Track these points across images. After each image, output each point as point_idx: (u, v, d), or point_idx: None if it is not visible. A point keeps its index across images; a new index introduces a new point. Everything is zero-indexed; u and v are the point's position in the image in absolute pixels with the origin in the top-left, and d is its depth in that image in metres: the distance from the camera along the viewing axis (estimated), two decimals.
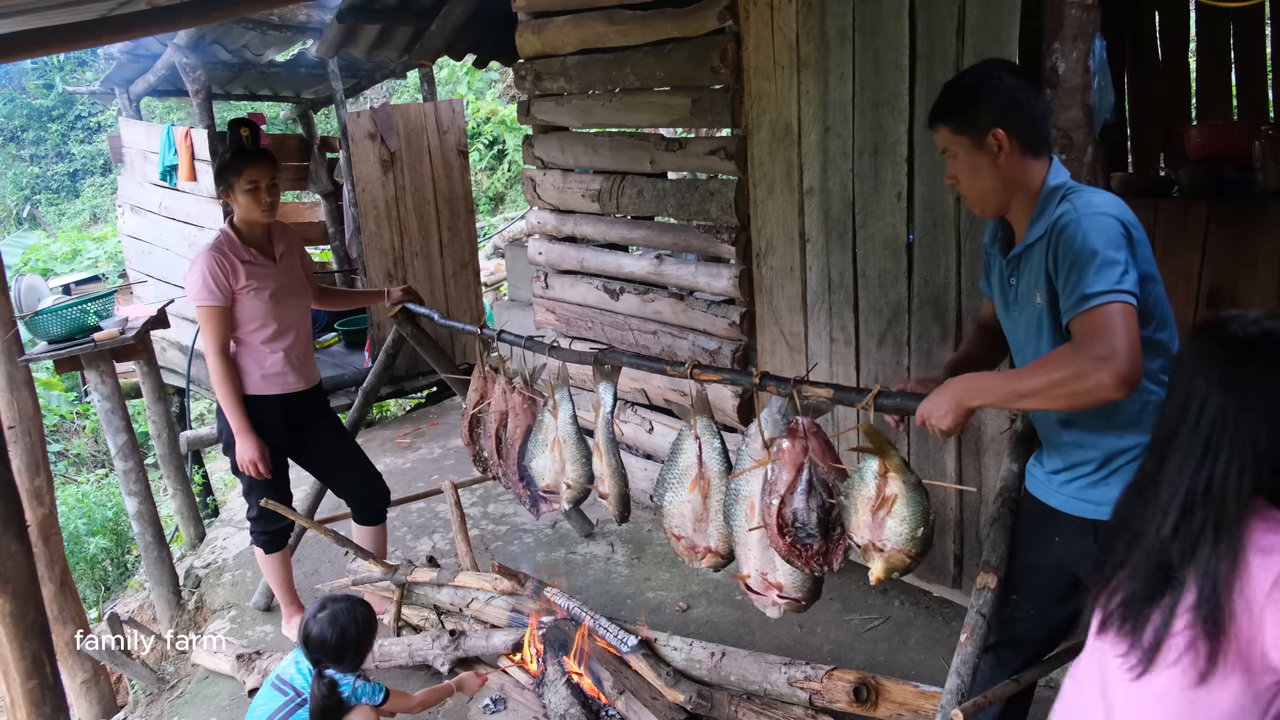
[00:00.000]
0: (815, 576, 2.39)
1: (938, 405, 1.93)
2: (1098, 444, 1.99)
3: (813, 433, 2.28)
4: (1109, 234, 1.80)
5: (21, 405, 3.72)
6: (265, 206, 3.40)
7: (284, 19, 6.30)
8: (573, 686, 3.03)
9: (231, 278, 3.37)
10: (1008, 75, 1.99)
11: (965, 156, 1.99)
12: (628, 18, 4.00)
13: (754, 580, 2.49)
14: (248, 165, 3.34)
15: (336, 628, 2.71)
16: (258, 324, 3.44)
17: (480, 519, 4.91)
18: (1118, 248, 1.79)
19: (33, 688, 3.27)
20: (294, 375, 3.56)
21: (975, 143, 1.96)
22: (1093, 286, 1.75)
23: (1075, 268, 1.79)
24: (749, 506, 2.42)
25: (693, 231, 4.04)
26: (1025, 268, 2.01)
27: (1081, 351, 1.72)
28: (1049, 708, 1.79)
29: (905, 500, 2.07)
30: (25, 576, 3.23)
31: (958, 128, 1.98)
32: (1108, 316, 1.72)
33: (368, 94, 12.06)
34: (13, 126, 17.63)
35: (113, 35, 3.50)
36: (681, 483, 2.60)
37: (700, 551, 2.62)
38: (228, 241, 3.42)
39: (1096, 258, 1.77)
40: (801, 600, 2.44)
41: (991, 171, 1.97)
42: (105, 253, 12.82)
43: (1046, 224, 1.91)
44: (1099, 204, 1.88)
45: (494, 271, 11.71)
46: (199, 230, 6.92)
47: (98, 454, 8.77)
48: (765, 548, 2.41)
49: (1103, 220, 1.83)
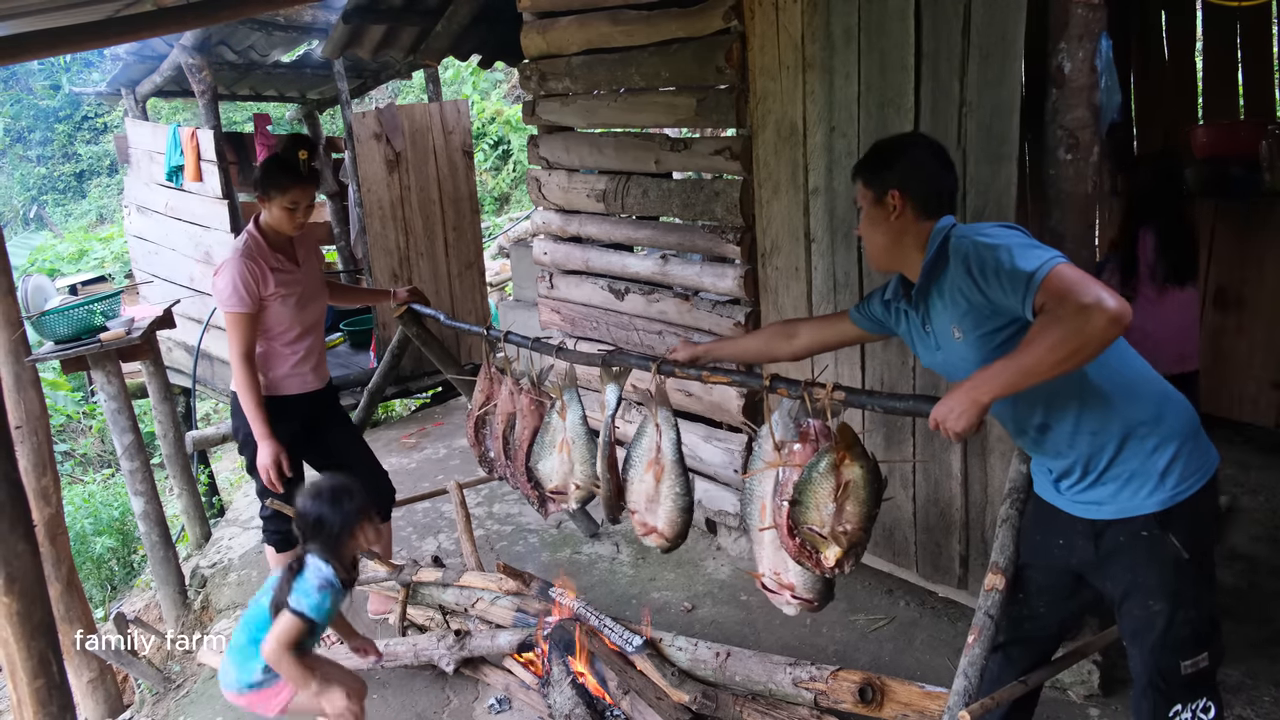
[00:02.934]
0: (826, 578, 2.42)
1: (952, 407, 1.93)
2: (1075, 445, 2.03)
3: (824, 435, 2.30)
4: (1006, 234, 1.96)
5: (28, 405, 3.73)
6: (297, 225, 3.48)
7: (289, 19, 6.31)
8: (578, 686, 3.03)
9: (261, 284, 3.39)
10: (920, 148, 2.17)
11: (868, 210, 2.18)
12: (633, 18, 4.00)
13: (768, 579, 2.55)
14: (295, 186, 3.39)
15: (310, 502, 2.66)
16: (283, 328, 3.49)
17: (485, 519, 4.91)
18: (1023, 236, 1.94)
19: (39, 687, 3.28)
20: (312, 375, 3.62)
21: (877, 199, 2.15)
22: (1030, 265, 1.83)
23: (1002, 269, 1.87)
24: (761, 507, 2.46)
25: (698, 231, 4.03)
26: (934, 310, 2.11)
27: (1062, 310, 1.75)
28: (1054, 709, 1.79)
29: (862, 482, 2.21)
30: (32, 576, 3.24)
31: (867, 182, 2.17)
32: (1062, 274, 1.78)
33: (373, 94, 12.08)
34: (19, 127, 17.69)
35: (119, 36, 3.50)
36: (639, 465, 2.76)
37: (648, 529, 2.76)
38: (257, 247, 3.43)
39: (1013, 249, 1.88)
40: (814, 601, 2.49)
41: (885, 227, 2.15)
42: (111, 253, 12.86)
43: (941, 260, 2.04)
44: (984, 226, 2.05)
45: (499, 272, 11.73)
46: (205, 230, 6.94)
47: (104, 454, 8.79)
48: (778, 548, 2.43)
49: (994, 229, 2.00)
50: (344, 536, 2.66)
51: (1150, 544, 1.98)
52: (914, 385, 3.26)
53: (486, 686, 3.42)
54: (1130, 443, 1.97)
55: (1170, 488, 1.96)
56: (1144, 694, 2.10)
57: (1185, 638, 2.01)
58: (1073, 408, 1.99)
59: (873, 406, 2.33)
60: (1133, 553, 2.00)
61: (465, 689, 3.45)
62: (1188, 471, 1.97)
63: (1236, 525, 3.98)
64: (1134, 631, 2.07)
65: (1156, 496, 1.96)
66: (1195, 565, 1.99)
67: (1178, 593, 1.99)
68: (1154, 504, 1.96)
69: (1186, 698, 2.04)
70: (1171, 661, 2.02)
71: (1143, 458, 1.97)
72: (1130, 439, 1.97)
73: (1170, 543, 1.96)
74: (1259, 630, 3.27)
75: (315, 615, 2.58)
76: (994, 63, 2.80)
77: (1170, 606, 1.99)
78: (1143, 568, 2.00)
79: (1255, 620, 3.33)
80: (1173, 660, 2.02)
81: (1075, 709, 2.97)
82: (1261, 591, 3.52)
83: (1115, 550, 2.03)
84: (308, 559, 2.64)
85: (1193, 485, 1.97)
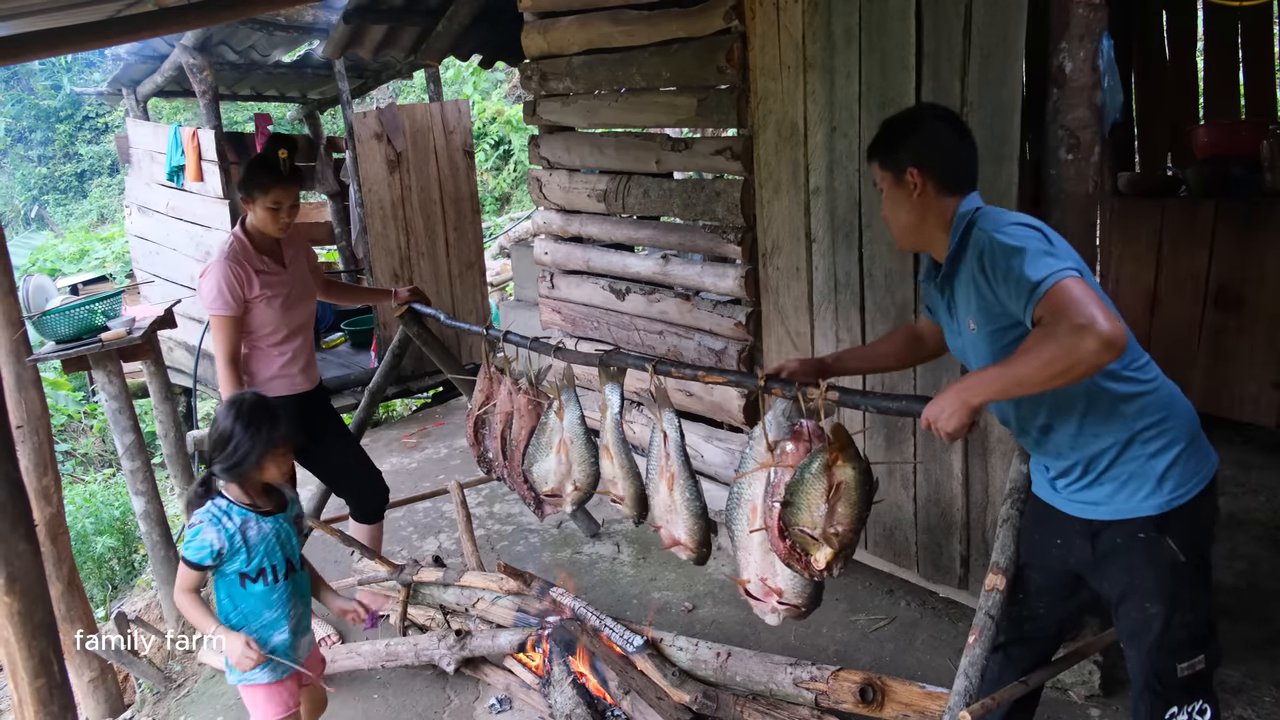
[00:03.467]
0: (816, 582, 2.38)
1: (943, 408, 1.93)
2: (1077, 446, 2.02)
3: (817, 435, 2.28)
4: (1025, 235, 1.89)
5: (29, 405, 3.72)
6: (281, 226, 3.45)
7: (290, 20, 6.31)
8: (578, 686, 3.03)
9: (246, 287, 3.39)
10: (933, 119, 2.11)
11: (889, 191, 2.13)
12: (633, 18, 4.00)
13: (754, 585, 2.49)
14: (277, 186, 3.37)
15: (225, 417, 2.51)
16: (269, 329, 3.48)
17: (486, 519, 4.91)
18: (1039, 241, 1.88)
19: (40, 686, 3.28)
20: (300, 376, 3.61)
21: (896, 179, 2.09)
22: (1038, 274, 1.79)
23: (1011, 272, 1.84)
24: (751, 510, 2.41)
25: (699, 231, 4.03)
26: (957, 297, 2.08)
27: (1059, 327, 1.74)
28: (1055, 709, 1.79)
29: (855, 484, 2.18)
30: (33, 576, 3.24)
31: (884, 163, 2.12)
32: (1066, 290, 1.75)
33: (374, 94, 12.09)
34: (21, 127, 17.70)
35: (120, 36, 3.50)
36: (655, 476, 2.73)
37: (673, 542, 2.72)
38: (242, 250, 3.43)
39: (1026, 254, 1.83)
40: (801, 607, 2.43)
41: (908, 207, 2.09)
42: (112, 253, 12.87)
43: (961, 249, 2.00)
44: (1007, 217, 1.98)
45: (500, 272, 11.74)
46: (206, 230, 6.94)
47: (105, 453, 8.78)
48: (766, 552, 2.40)
49: (1015, 228, 1.92)
50: (250, 462, 2.50)
51: (1147, 546, 1.98)
52: (914, 386, 3.26)
53: (487, 686, 3.42)
54: (1133, 446, 1.96)
55: (1169, 491, 1.95)
56: (1141, 696, 2.09)
57: (1182, 640, 2.00)
58: (1077, 410, 1.98)
59: (866, 407, 2.32)
60: (1129, 554, 2.00)
61: (466, 689, 3.45)
62: (1187, 475, 1.96)
63: (1234, 528, 3.98)
64: (1130, 634, 2.07)
65: (1154, 500, 1.95)
66: (1192, 568, 1.98)
67: (1174, 595, 1.98)
68: (1151, 507, 1.95)
69: (1183, 700, 2.03)
70: (1168, 664, 2.02)
71: (1143, 460, 1.96)
72: (1134, 442, 1.96)
73: (1167, 546, 1.96)
74: (1259, 630, 3.27)
75: (188, 555, 2.48)
76: (995, 62, 2.80)
77: (1167, 609, 1.99)
78: (1139, 570, 2.00)
79: (1255, 620, 3.33)
80: (1169, 662, 2.02)
81: (1076, 709, 2.97)
82: (1261, 592, 3.52)
83: (1112, 551, 2.02)
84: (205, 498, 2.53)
85: (1192, 489, 1.96)
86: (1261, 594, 3.51)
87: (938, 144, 2.06)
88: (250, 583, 2.55)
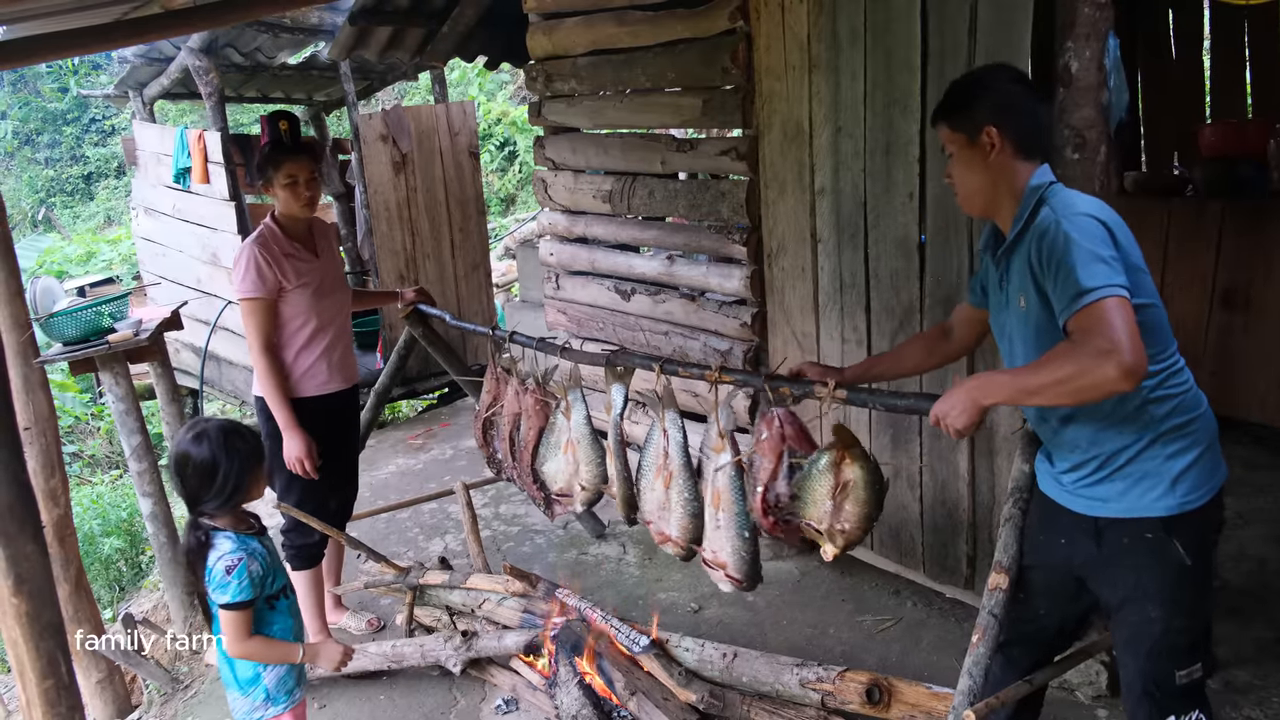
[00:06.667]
0: (753, 563, 2.58)
1: (952, 405, 1.93)
2: (1098, 441, 1.99)
3: (788, 421, 2.42)
4: (1091, 232, 1.82)
5: (37, 407, 3.74)
6: (305, 200, 3.35)
7: (296, 22, 6.32)
8: (585, 687, 3.03)
9: (277, 271, 3.31)
10: (1008, 79, 2.03)
11: (960, 153, 2.04)
12: (638, 18, 4.00)
13: (708, 554, 2.66)
14: (286, 159, 3.31)
15: (195, 446, 2.34)
16: (300, 321, 3.39)
17: (492, 520, 4.91)
18: (1102, 243, 1.81)
19: (48, 687, 3.29)
20: (333, 375, 3.51)
21: (969, 140, 2.01)
22: (1085, 284, 1.75)
23: (1063, 269, 1.80)
24: (715, 495, 2.58)
25: (704, 232, 4.03)
26: (1012, 271, 2.03)
27: (1083, 347, 1.72)
28: (1061, 709, 1.79)
29: (862, 483, 2.26)
30: (41, 577, 3.25)
31: (955, 125, 2.03)
32: (1105, 311, 1.72)
33: (379, 96, 12.12)
34: (28, 130, 17.77)
35: (126, 39, 3.51)
36: (649, 472, 2.77)
37: (664, 537, 2.78)
38: (272, 235, 3.35)
39: (1083, 257, 1.78)
40: (741, 581, 2.59)
41: (982, 169, 2.01)
42: (119, 255, 12.91)
43: (1027, 225, 1.94)
44: (1078, 205, 1.89)
45: (505, 273, 11.75)
46: (212, 232, 6.96)
47: (112, 455, 8.81)
48: (715, 529, 2.59)
49: (1082, 221, 1.84)
50: (242, 486, 2.38)
51: (1154, 547, 1.95)
52: (921, 384, 3.25)
53: (493, 687, 3.42)
54: (1155, 445, 1.93)
55: (1182, 494, 1.93)
56: (1139, 703, 2.06)
57: (1181, 647, 1.98)
58: (1106, 403, 1.92)
59: (874, 405, 2.33)
60: (1135, 555, 1.98)
61: (472, 690, 3.46)
62: (1201, 480, 1.94)
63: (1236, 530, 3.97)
64: (1129, 639, 2.04)
65: (1166, 501, 1.93)
66: (1197, 574, 1.96)
67: (1177, 600, 1.96)
68: (1163, 508, 1.93)
69: (1181, 708, 2.01)
70: (1167, 670, 1.99)
71: (1160, 460, 1.93)
72: (1156, 442, 1.93)
73: (1175, 548, 1.93)
74: (1268, 631, 3.25)
75: (242, 596, 2.35)
76: (1001, 62, 2.79)
77: (1168, 614, 1.97)
78: (1144, 571, 1.98)
79: (1265, 621, 3.32)
80: (1168, 669, 1.99)
81: (1083, 709, 2.96)
82: (1271, 592, 3.50)
83: (1118, 551, 2.00)
84: (211, 538, 2.38)
85: (1204, 495, 1.94)
86: (1271, 594, 3.49)
87: (1016, 104, 1.98)
88: (275, 603, 2.50)
